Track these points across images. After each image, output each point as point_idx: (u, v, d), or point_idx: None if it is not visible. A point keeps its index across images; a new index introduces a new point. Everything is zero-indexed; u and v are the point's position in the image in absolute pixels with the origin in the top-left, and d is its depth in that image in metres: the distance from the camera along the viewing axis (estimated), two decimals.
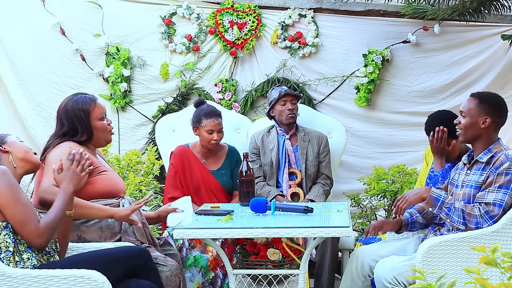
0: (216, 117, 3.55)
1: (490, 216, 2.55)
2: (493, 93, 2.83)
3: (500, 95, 2.83)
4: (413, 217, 2.90)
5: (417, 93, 4.63)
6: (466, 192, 2.68)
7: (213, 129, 3.55)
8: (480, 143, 2.72)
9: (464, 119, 2.73)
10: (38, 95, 4.62)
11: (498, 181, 2.58)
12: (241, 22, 4.59)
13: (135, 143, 4.63)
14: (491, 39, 4.56)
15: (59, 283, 2.14)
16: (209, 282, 3.26)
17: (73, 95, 2.85)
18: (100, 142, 2.86)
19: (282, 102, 3.79)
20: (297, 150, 3.80)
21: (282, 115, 3.79)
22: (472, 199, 2.66)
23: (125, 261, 2.39)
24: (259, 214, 2.75)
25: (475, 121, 2.69)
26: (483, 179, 2.64)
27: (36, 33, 4.61)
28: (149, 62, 4.65)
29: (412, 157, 4.54)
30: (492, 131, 2.71)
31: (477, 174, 2.68)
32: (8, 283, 2.12)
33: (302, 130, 3.88)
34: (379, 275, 2.66)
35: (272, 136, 3.85)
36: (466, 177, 2.73)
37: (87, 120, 2.77)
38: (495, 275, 2.42)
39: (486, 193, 2.59)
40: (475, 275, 1.26)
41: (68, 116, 2.76)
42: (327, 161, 3.86)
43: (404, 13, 4.47)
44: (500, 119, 2.72)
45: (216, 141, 3.56)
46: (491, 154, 2.67)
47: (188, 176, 3.61)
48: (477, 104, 2.71)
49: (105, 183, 2.74)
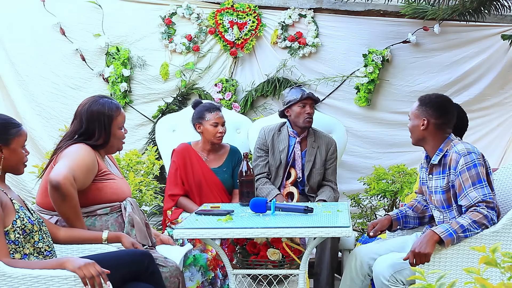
0: (218, 111, 3.63)
1: (491, 208, 2.56)
2: (438, 94, 2.83)
3: (446, 95, 2.82)
4: (403, 212, 2.91)
5: (417, 93, 4.62)
6: (439, 199, 2.72)
7: (218, 121, 3.60)
8: (428, 146, 2.74)
9: (409, 123, 2.78)
10: (38, 95, 4.62)
11: (466, 179, 2.58)
12: (241, 22, 4.60)
13: (135, 143, 4.63)
14: (491, 39, 4.57)
15: (59, 283, 2.14)
16: (209, 282, 3.27)
17: (99, 97, 2.80)
18: (113, 150, 2.85)
19: (302, 104, 3.68)
20: (304, 156, 3.75)
21: (299, 117, 3.69)
22: (446, 204, 2.69)
23: (128, 264, 2.40)
24: (259, 214, 2.75)
25: (416, 123, 2.73)
26: (446, 183, 2.66)
27: (36, 33, 4.60)
28: (149, 62, 4.65)
29: (412, 157, 4.54)
30: (434, 132, 2.71)
31: (440, 179, 2.70)
32: (8, 283, 2.12)
33: (312, 134, 3.78)
34: (378, 271, 2.66)
35: (283, 135, 3.77)
36: (431, 182, 2.76)
37: (108, 126, 2.74)
38: (495, 275, 2.41)
39: (467, 196, 2.58)
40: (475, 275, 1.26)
41: (90, 118, 2.72)
42: (333, 167, 3.81)
43: (404, 13, 4.47)
44: (440, 119, 2.70)
45: (221, 134, 3.61)
46: (442, 154, 2.68)
47: (190, 173, 3.62)
48: (417, 107, 2.75)
49: (112, 191, 2.74)
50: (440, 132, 2.71)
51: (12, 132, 2.35)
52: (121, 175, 2.94)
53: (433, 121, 2.69)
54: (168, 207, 3.61)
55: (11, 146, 2.34)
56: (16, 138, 2.35)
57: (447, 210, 2.69)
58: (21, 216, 2.29)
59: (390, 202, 4.16)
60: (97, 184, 2.69)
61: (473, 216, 2.53)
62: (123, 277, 2.37)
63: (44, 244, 2.37)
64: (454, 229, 2.50)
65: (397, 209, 3.00)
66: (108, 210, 2.72)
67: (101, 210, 2.70)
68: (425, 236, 2.52)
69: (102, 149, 2.79)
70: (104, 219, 2.70)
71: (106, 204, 2.71)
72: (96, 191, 2.68)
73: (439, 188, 2.69)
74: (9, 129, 2.35)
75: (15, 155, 2.36)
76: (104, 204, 2.71)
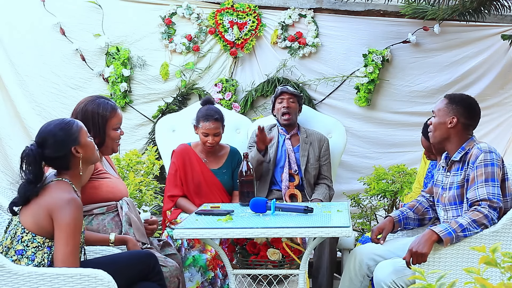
0: (212, 121, 3.54)
1: (493, 208, 2.54)
2: (467, 95, 2.82)
3: (474, 98, 2.81)
4: (404, 214, 2.90)
5: (417, 93, 4.63)
6: (451, 195, 2.69)
7: (208, 132, 3.56)
8: (450, 145, 2.72)
9: (435, 119, 2.75)
10: (38, 95, 4.62)
11: (480, 174, 2.58)
12: (241, 22, 4.60)
13: (135, 143, 4.63)
14: (491, 39, 4.57)
15: (65, 281, 2.14)
16: (209, 282, 3.27)
17: (96, 97, 2.80)
18: (107, 151, 2.84)
19: (280, 100, 3.83)
20: (298, 151, 3.80)
21: (278, 113, 3.83)
22: (458, 200, 2.67)
23: (137, 265, 2.43)
24: (259, 214, 2.75)
25: (443, 121, 2.71)
26: (463, 177, 2.65)
27: (36, 33, 4.61)
28: (149, 62, 4.65)
29: (412, 157, 4.54)
30: (461, 132, 2.70)
31: (457, 175, 2.69)
32: (14, 281, 2.13)
33: (304, 131, 3.88)
34: (379, 277, 2.65)
35: (273, 134, 3.86)
36: (447, 179, 2.74)
37: (103, 127, 2.74)
38: (495, 275, 2.41)
39: (475, 190, 2.57)
40: (475, 275, 1.26)
41: (85, 117, 2.71)
42: (328, 164, 3.86)
43: (404, 13, 4.47)
44: (469, 120, 2.70)
45: (211, 144, 3.57)
46: (465, 152, 2.67)
47: (189, 174, 3.62)
48: (446, 104, 2.72)
49: (107, 189, 2.74)
50: (465, 133, 2.71)
51: (73, 131, 2.35)
52: (117, 175, 2.94)
53: (462, 120, 2.68)
54: (168, 208, 3.60)
55: (82, 142, 2.36)
56: (80, 133, 2.36)
57: (458, 206, 2.67)
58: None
59: (390, 202, 4.16)
60: (93, 182, 2.70)
61: (473, 216, 2.53)
62: (133, 277, 2.41)
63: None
64: (453, 228, 2.49)
65: (397, 209, 2.99)
66: (105, 210, 2.72)
67: (97, 209, 2.70)
68: (423, 235, 2.52)
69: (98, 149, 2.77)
70: (101, 218, 2.70)
71: (103, 203, 2.72)
72: (92, 189, 2.68)
73: (455, 183, 2.68)
74: (69, 129, 2.35)
75: (89, 147, 2.39)
76: (101, 204, 2.71)
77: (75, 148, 2.33)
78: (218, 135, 3.59)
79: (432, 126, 2.76)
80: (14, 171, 4.36)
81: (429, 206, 2.92)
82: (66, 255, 2.19)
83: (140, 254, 2.51)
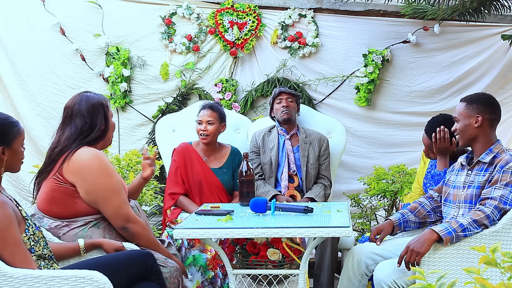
0: (208, 109, 3.63)
1: (498, 210, 2.55)
2: (481, 93, 2.84)
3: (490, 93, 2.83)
4: (405, 217, 2.89)
5: (417, 93, 4.63)
6: (469, 193, 2.68)
7: (201, 119, 3.61)
8: (479, 144, 2.72)
9: (459, 123, 2.75)
10: (38, 95, 4.62)
11: (504, 179, 2.58)
12: (241, 22, 4.60)
13: (135, 143, 4.63)
14: (491, 39, 4.57)
15: (60, 283, 2.12)
16: (209, 281, 3.27)
17: (84, 92, 2.77)
18: (108, 142, 2.79)
19: (278, 100, 3.86)
20: (297, 151, 3.81)
21: (277, 113, 3.84)
22: (475, 199, 2.66)
23: (135, 265, 2.42)
24: (259, 214, 2.75)
25: (468, 122, 2.70)
26: (487, 179, 2.64)
27: (36, 33, 4.61)
28: (149, 62, 4.65)
29: (412, 157, 4.54)
30: (488, 129, 2.70)
31: (480, 175, 2.68)
32: (9, 283, 2.11)
33: (303, 132, 3.88)
34: (379, 277, 2.65)
35: (273, 135, 3.86)
36: (468, 178, 2.73)
37: (106, 116, 2.73)
38: (495, 275, 2.41)
39: (492, 189, 2.58)
40: (475, 275, 1.26)
41: (92, 110, 2.67)
42: (327, 163, 3.87)
43: (404, 13, 4.47)
44: (493, 115, 2.71)
45: (204, 131, 3.59)
46: (493, 155, 2.67)
47: (190, 173, 3.62)
48: (465, 106, 2.73)
49: None
50: (492, 129, 2.71)
51: (13, 133, 2.26)
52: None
53: (487, 116, 2.68)
54: (168, 206, 3.60)
55: (13, 147, 2.26)
56: (17, 138, 2.27)
57: (473, 205, 2.67)
58: (30, 224, 2.26)
59: (390, 202, 4.16)
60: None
61: (474, 216, 2.53)
62: (131, 277, 2.40)
63: (47, 249, 2.34)
64: (453, 227, 2.49)
65: (398, 211, 2.98)
66: None
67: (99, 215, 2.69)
68: (423, 234, 2.52)
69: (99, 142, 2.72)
70: (107, 223, 2.69)
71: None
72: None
73: (476, 182, 2.67)
74: (10, 129, 2.25)
75: (16, 155, 2.29)
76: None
77: (3, 148, 2.23)
78: (212, 124, 3.60)
79: (458, 130, 2.74)
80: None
81: (432, 210, 2.91)
82: (11, 258, 2.11)
83: (137, 254, 2.50)
